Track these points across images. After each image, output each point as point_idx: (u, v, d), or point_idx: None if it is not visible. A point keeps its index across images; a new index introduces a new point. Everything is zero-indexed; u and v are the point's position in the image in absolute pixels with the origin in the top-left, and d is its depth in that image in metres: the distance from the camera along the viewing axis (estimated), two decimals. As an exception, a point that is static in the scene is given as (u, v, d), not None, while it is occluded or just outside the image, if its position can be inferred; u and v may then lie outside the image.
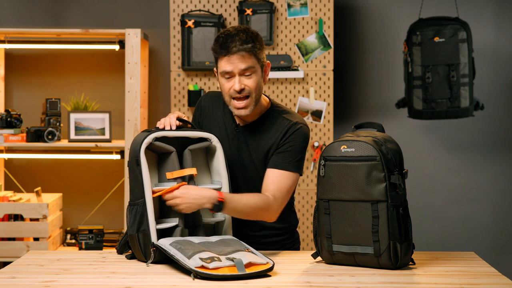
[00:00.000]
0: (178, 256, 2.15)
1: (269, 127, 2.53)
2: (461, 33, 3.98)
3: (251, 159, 2.54)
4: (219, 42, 2.43)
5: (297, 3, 4.10)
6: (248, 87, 2.43)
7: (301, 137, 2.50)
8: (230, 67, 2.42)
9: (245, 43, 2.40)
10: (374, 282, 2.09)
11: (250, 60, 2.42)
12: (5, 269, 2.23)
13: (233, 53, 2.40)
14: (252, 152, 2.53)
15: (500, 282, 2.10)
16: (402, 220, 2.21)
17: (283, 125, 2.51)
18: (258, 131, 2.54)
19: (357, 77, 4.49)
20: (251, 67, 2.43)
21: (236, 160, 2.55)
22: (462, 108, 4.00)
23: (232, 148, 2.55)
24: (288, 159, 2.48)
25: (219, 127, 2.58)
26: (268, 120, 2.54)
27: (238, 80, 2.42)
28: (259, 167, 2.53)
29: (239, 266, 2.09)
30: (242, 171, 2.55)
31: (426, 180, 4.46)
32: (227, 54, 2.41)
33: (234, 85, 2.43)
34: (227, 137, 2.56)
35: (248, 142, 2.54)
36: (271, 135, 2.52)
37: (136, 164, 2.34)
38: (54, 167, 4.45)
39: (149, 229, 2.29)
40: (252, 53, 2.42)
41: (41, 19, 4.45)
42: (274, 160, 2.48)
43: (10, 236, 3.99)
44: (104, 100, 4.41)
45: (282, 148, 2.49)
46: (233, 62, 2.41)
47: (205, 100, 2.66)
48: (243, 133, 2.55)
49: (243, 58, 2.41)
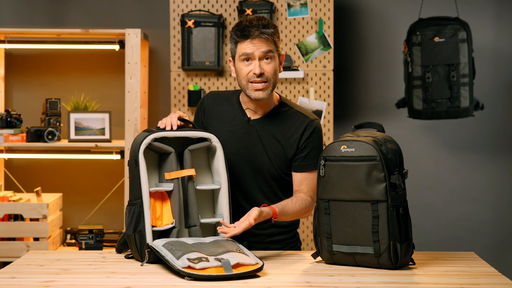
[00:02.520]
0: (168, 257, 2.16)
1: (283, 121, 2.57)
2: (461, 33, 3.98)
3: (264, 153, 2.55)
4: (241, 26, 2.49)
5: (297, 3, 4.10)
6: (267, 72, 2.48)
7: (319, 135, 2.59)
8: (251, 49, 2.47)
9: (267, 28, 2.48)
10: (374, 282, 2.09)
11: (271, 45, 2.49)
12: (5, 269, 2.23)
13: (255, 36, 2.46)
14: (266, 146, 2.55)
15: (500, 282, 2.10)
16: (402, 220, 2.21)
17: (299, 120, 2.57)
18: (271, 124, 2.57)
19: (357, 77, 4.49)
20: (271, 51, 2.49)
21: (247, 154, 2.55)
22: (462, 108, 4.00)
23: (243, 142, 2.56)
24: (312, 160, 2.56)
25: (227, 123, 2.59)
26: (280, 114, 2.58)
27: (258, 64, 2.48)
28: (273, 161, 2.55)
29: (226, 266, 2.10)
30: (252, 165, 2.56)
31: (426, 180, 4.46)
32: (249, 37, 2.47)
33: (255, 69, 2.47)
34: (237, 132, 2.57)
35: (261, 135, 2.56)
36: (287, 130, 2.56)
37: (135, 164, 2.34)
38: (54, 167, 4.45)
39: (145, 229, 2.30)
40: (272, 39, 2.49)
41: (41, 19, 4.45)
42: (300, 164, 2.56)
43: (10, 236, 3.99)
44: (104, 100, 4.41)
45: (306, 150, 2.56)
46: (255, 44, 2.47)
47: (207, 100, 2.67)
48: (255, 127, 2.57)
49: (265, 42, 2.47)
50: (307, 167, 2.55)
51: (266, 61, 2.49)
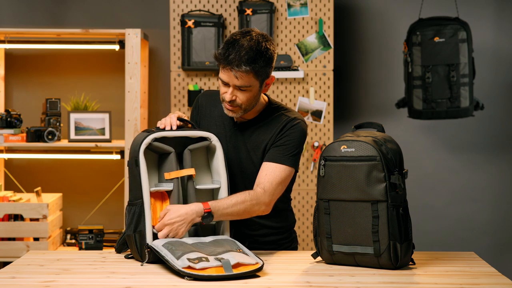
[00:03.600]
0: (168, 257, 2.16)
1: (266, 123, 2.53)
2: (461, 33, 3.98)
3: (249, 157, 2.54)
4: (223, 49, 2.38)
5: (297, 3, 4.09)
6: (239, 100, 2.42)
7: (298, 132, 2.49)
8: (226, 78, 2.41)
9: (244, 64, 2.35)
10: (374, 282, 2.09)
11: (246, 80, 2.38)
12: (5, 269, 2.23)
13: (230, 69, 2.37)
14: (250, 149, 2.53)
15: (500, 282, 2.10)
16: (402, 220, 2.21)
17: (280, 120, 2.51)
18: (255, 128, 2.54)
19: (357, 77, 4.49)
20: (246, 86, 2.40)
21: (233, 158, 2.55)
22: (462, 108, 4.00)
23: (229, 146, 2.55)
24: (283, 153, 2.47)
25: (217, 125, 2.58)
26: (265, 118, 2.54)
27: (231, 92, 2.41)
28: (257, 164, 2.52)
29: (226, 266, 2.10)
30: (240, 168, 2.55)
31: (426, 180, 4.46)
32: (225, 67, 2.39)
33: (227, 94, 2.42)
34: (225, 135, 2.56)
35: (245, 139, 2.54)
36: (269, 131, 2.52)
37: (135, 164, 2.34)
38: (54, 167, 4.45)
39: (145, 229, 2.30)
40: (250, 73, 2.38)
41: (41, 19, 4.45)
42: (269, 154, 2.48)
43: (10, 236, 3.99)
44: (104, 100, 4.42)
45: (279, 142, 2.48)
46: (229, 75, 2.39)
47: (202, 99, 2.66)
48: (240, 131, 2.55)
49: (240, 77, 2.38)
50: (273, 159, 2.46)
51: (241, 90, 2.41)
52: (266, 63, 2.40)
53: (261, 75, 2.41)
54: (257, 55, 2.37)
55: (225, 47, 2.38)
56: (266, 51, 2.39)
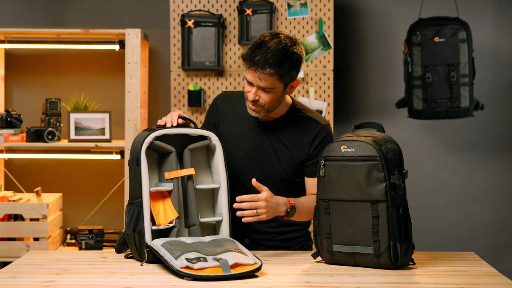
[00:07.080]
0: (166, 256, 2.17)
1: (293, 126, 2.56)
2: (461, 33, 3.98)
3: (275, 155, 2.55)
4: (250, 49, 2.41)
5: (297, 3, 4.10)
6: (262, 100, 2.45)
7: (330, 140, 2.55)
8: (250, 78, 2.43)
9: (269, 67, 2.38)
10: (374, 282, 2.09)
11: (270, 82, 2.41)
12: (5, 269, 2.23)
13: (255, 70, 2.39)
14: (277, 149, 2.55)
15: (500, 282, 2.10)
16: (402, 220, 2.22)
17: (310, 126, 2.56)
18: (282, 129, 2.56)
19: (357, 77, 4.49)
20: (270, 88, 2.42)
21: (257, 156, 2.56)
22: (462, 108, 4.00)
23: (254, 144, 2.56)
24: None
25: (239, 124, 2.60)
26: (291, 119, 2.57)
27: (254, 92, 2.44)
28: (283, 163, 2.55)
29: (224, 266, 2.11)
30: (262, 166, 2.56)
31: (426, 180, 4.46)
32: (251, 67, 2.41)
33: (251, 94, 2.44)
34: (249, 134, 2.58)
35: (271, 139, 2.56)
36: (298, 135, 2.56)
37: (136, 163, 2.34)
38: (54, 167, 4.45)
39: (144, 229, 2.30)
40: (274, 76, 2.40)
41: (41, 19, 4.45)
42: (313, 170, 2.55)
43: (10, 236, 3.99)
44: (104, 100, 4.41)
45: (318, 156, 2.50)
46: (254, 76, 2.41)
47: (220, 100, 2.67)
48: (266, 130, 2.57)
49: (264, 78, 2.40)
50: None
51: (265, 91, 2.43)
52: (292, 67, 2.42)
53: (286, 78, 2.43)
54: (283, 59, 2.39)
55: (252, 47, 2.41)
56: (292, 55, 2.42)
